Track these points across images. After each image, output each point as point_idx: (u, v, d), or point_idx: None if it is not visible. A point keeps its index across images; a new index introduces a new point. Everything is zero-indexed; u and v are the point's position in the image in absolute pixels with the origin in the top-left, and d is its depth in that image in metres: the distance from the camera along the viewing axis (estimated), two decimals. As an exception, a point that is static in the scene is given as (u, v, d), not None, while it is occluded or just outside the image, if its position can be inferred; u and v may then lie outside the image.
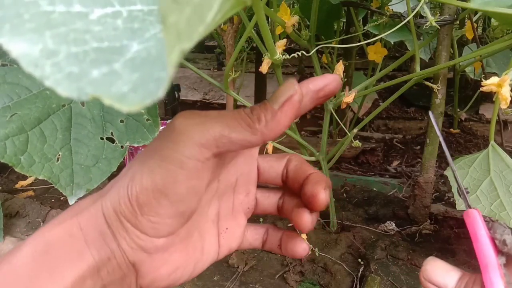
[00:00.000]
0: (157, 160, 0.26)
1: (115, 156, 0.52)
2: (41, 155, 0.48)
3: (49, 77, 0.14)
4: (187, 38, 0.12)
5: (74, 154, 0.50)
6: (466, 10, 0.72)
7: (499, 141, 0.87)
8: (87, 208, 0.27)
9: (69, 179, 0.50)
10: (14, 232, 0.88)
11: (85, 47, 0.16)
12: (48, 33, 0.16)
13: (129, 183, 0.26)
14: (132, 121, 0.54)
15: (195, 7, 0.12)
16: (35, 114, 0.49)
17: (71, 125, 0.52)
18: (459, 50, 1.26)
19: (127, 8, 0.19)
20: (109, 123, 0.53)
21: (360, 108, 1.48)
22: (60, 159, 0.49)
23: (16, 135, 0.47)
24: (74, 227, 0.27)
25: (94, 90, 0.13)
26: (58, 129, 0.50)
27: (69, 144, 0.51)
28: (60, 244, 0.26)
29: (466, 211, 0.33)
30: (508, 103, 0.52)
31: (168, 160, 0.26)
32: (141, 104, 0.13)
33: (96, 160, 0.51)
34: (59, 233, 0.26)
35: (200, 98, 2.18)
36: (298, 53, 0.67)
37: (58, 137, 0.50)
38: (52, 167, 0.49)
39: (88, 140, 0.52)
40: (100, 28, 0.17)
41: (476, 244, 0.32)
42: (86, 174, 0.50)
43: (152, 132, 0.54)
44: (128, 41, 0.17)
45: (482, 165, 0.66)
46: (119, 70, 0.14)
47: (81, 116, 0.52)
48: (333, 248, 0.77)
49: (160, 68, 0.14)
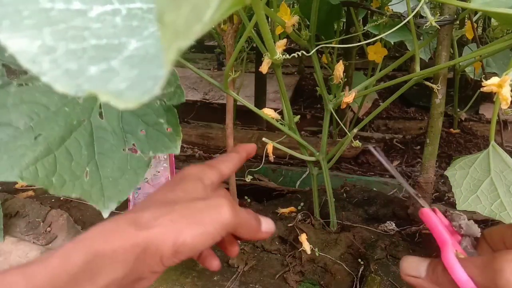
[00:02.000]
0: (200, 228, 0.38)
1: (141, 166, 0.52)
2: (70, 173, 0.48)
3: (47, 73, 0.14)
4: (185, 36, 0.12)
5: (100, 168, 0.50)
6: (466, 10, 0.72)
7: (499, 141, 0.87)
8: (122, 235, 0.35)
9: (100, 194, 0.50)
10: (14, 232, 0.88)
11: (84, 44, 0.16)
12: (47, 30, 0.16)
13: (176, 237, 0.36)
14: (152, 131, 0.54)
15: (192, 6, 0.12)
16: (59, 133, 0.49)
17: (94, 140, 0.51)
18: (459, 50, 1.26)
19: (126, 6, 0.19)
20: (130, 134, 0.53)
21: (360, 108, 1.48)
22: (88, 175, 0.49)
23: (45, 157, 0.47)
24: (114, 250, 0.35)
25: (91, 87, 0.13)
26: (82, 145, 0.50)
27: (94, 159, 0.51)
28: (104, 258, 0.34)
29: (420, 210, 0.39)
30: (509, 103, 0.52)
31: (208, 233, 0.38)
32: (138, 101, 0.13)
33: (122, 172, 0.51)
34: (105, 249, 0.34)
35: (200, 98, 2.18)
36: (298, 53, 0.67)
37: (83, 154, 0.50)
38: (82, 184, 0.49)
39: (112, 153, 0.51)
40: (99, 25, 0.17)
41: (433, 233, 0.38)
42: (115, 186, 0.50)
43: (174, 140, 0.54)
44: (126, 38, 0.17)
45: (482, 165, 0.66)
46: (117, 67, 0.14)
47: (102, 129, 0.52)
48: (333, 248, 0.77)
49: (158, 66, 0.14)
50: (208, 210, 0.39)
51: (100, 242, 0.34)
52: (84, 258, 0.32)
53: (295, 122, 0.75)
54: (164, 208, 0.38)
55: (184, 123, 1.72)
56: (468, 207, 0.61)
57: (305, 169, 1.15)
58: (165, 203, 0.40)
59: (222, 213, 0.39)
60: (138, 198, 0.92)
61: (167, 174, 0.93)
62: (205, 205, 0.39)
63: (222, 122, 0.94)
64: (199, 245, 0.38)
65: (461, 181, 0.65)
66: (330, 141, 1.32)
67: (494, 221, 0.85)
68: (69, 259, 0.32)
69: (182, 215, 0.38)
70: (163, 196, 0.42)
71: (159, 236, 0.36)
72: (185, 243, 0.36)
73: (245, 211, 0.44)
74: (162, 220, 0.37)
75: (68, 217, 0.89)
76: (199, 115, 1.92)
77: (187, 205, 0.39)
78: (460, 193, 0.63)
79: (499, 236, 0.35)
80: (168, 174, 0.93)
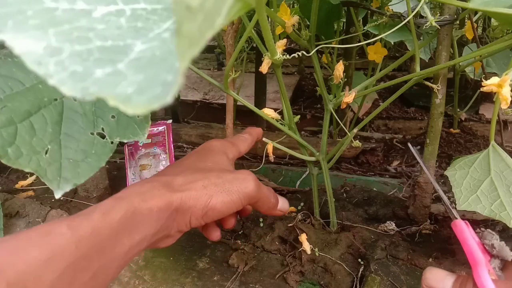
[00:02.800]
0: (228, 196, 0.43)
1: (105, 152, 0.52)
2: (29, 147, 0.47)
3: (53, 75, 0.14)
4: (197, 44, 0.12)
5: (63, 148, 0.50)
6: (466, 10, 0.72)
7: (499, 141, 0.87)
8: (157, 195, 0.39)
9: (56, 173, 0.49)
10: (14, 232, 0.88)
11: (89, 45, 0.16)
12: (51, 31, 0.16)
13: (207, 201, 0.41)
14: (123, 117, 0.53)
15: (206, 14, 0.12)
16: (26, 107, 0.49)
17: (62, 119, 0.51)
18: (459, 50, 1.26)
19: (131, 6, 0.19)
20: (101, 119, 0.53)
21: (360, 108, 1.48)
22: (49, 153, 0.48)
23: (5, 127, 0.47)
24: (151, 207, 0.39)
25: (98, 91, 0.13)
26: (48, 122, 0.50)
27: (58, 138, 0.50)
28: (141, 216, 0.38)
29: (453, 221, 0.38)
30: (509, 103, 0.52)
31: (234, 202, 0.43)
32: (148, 107, 0.13)
33: (85, 155, 0.51)
34: (142, 207, 0.38)
35: (200, 98, 2.18)
36: (298, 53, 0.67)
37: (47, 131, 0.49)
38: (39, 160, 0.48)
39: (78, 135, 0.51)
40: (104, 26, 0.17)
41: (465, 248, 0.37)
42: (74, 168, 0.50)
43: (143, 128, 0.54)
44: (132, 40, 0.17)
45: (482, 165, 0.66)
46: (124, 70, 0.14)
47: (73, 110, 0.52)
48: (333, 248, 0.77)
49: (166, 70, 0.14)
50: (237, 181, 0.44)
51: (138, 201, 0.37)
52: (123, 214, 0.36)
53: (295, 122, 0.75)
54: (197, 174, 0.43)
55: (184, 123, 1.72)
56: (468, 207, 0.61)
57: (305, 169, 1.15)
58: (197, 169, 0.44)
59: (248, 186, 0.44)
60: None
61: (167, 174, 0.93)
62: (233, 176, 0.44)
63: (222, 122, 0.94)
64: (225, 211, 0.43)
65: (461, 181, 0.65)
66: (330, 141, 1.32)
67: (494, 221, 0.85)
68: (109, 214, 0.35)
69: (213, 183, 0.42)
70: (193, 164, 0.46)
71: (192, 198, 0.40)
72: (214, 207, 0.42)
73: (266, 188, 0.49)
74: (195, 185, 0.41)
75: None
76: (199, 115, 1.92)
77: (217, 174, 0.44)
78: (460, 193, 0.63)
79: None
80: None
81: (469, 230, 0.39)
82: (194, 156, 0.48)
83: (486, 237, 0.38)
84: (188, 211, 0.40)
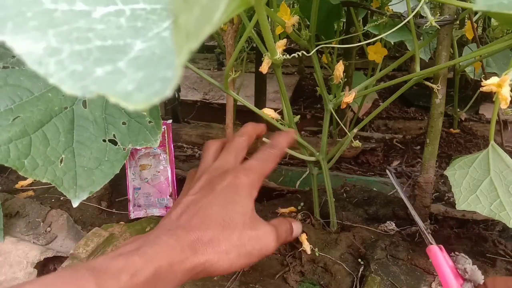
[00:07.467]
0: (248, 260, 0.47)
1: (118, 159, 0.52)
2: (44, 158, 0.48)
3: (53, 75, 0.14)
4: (195, 38, 0.12)
5: (77, 157, 0.50)
6: (466, 10, 0.72)
7: (499, 141, 0.87)
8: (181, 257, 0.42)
9: (72, 182, 0.50)
10: (14, 232, 0.88)
11: (89, 45, 0.16)
12: (51, 31, 0.16)
13: (228, 268, 0.45)
14: (134, 123, 0.54)
15: (203, 7, 0.12)
16: (38, 117, 0.49)
17: (74, 128, 0.51)
18: (459, 50, 1.26)
19: (130, 6, 0.19)
20: (111, 125, 0.53)
21: (360, 108, 1.48)
22: (63, 162, 0.49)
23: (19, 139, 0.47)
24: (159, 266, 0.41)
25: (98, 88, 0.13)
26: (60, 131, 0.50)
27: (71, 146, 0.50)
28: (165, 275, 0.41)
29: (428, 247, 0.41)
30: (508, 103, 0.52)
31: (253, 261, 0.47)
32: (147, 102, 0.13)
33: (99, 163, 0.51)
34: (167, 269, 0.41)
35: (200, 98, 2.18)
36: (298, 53, 0.67)
37: (60, 140, 0.50)
38: (55, 170, 0.49)
39: (90, 143, 0.51)
40: (103, 26, 0.17)
41: (439, 272, 0.40)
42: (89, 176, 0.50)
43: (154, 134, 0.54)
44: (131, 39, 0.17)
45: (482, 165, 0.66)
46: (124, 69, 0.14)
47: (83, 118, 0.52)
48: (333, 248, 0.77)
49: (165, 67, 0.14)
50: (258, 241, 0.47)
51: (166, 265, 0.40)
52: (151, 277, 0.38)
53: (295, 122, 0.75)
54: (220, 233, 0.45)
55: (184, 123, 1.72)
56: (467, 207, 0.61)
57: (305, 169, 1.15)
58: (221, 225, 0.46)
59: (268, 244, 0.48)
60: (138, 198, 0.92)
61: (167, 174, 0.93)
62: (255, 234, 0.47)
63: (222, 122, 0.94)
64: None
65: (460, 181, 0.65)
66: (330, 141, 1.32)
67: (494, 221, 0.85)
68: (137, 277, 0.37)
69: (235, 245, 0.45)
70: (219, 216, 0.46)
71: (214, 264, 0.43)
72: (233, 270, 0.46)
73: (284, 230, 0.53)
74: (218, 248, 0.44)
75: (68, 217, 0.89)
76: (199, 115, 1.93)
77: (239, 233, 0.46)
78: (460, 193, 0.63)
79: (503, 286, 0.37)
80: (168, 174, 0.93)
81: (443, 254, 0.42)
82: (221, 199, 0.48)
83: (459, 262, 0.41)
84: (208, 273, 0.44)
